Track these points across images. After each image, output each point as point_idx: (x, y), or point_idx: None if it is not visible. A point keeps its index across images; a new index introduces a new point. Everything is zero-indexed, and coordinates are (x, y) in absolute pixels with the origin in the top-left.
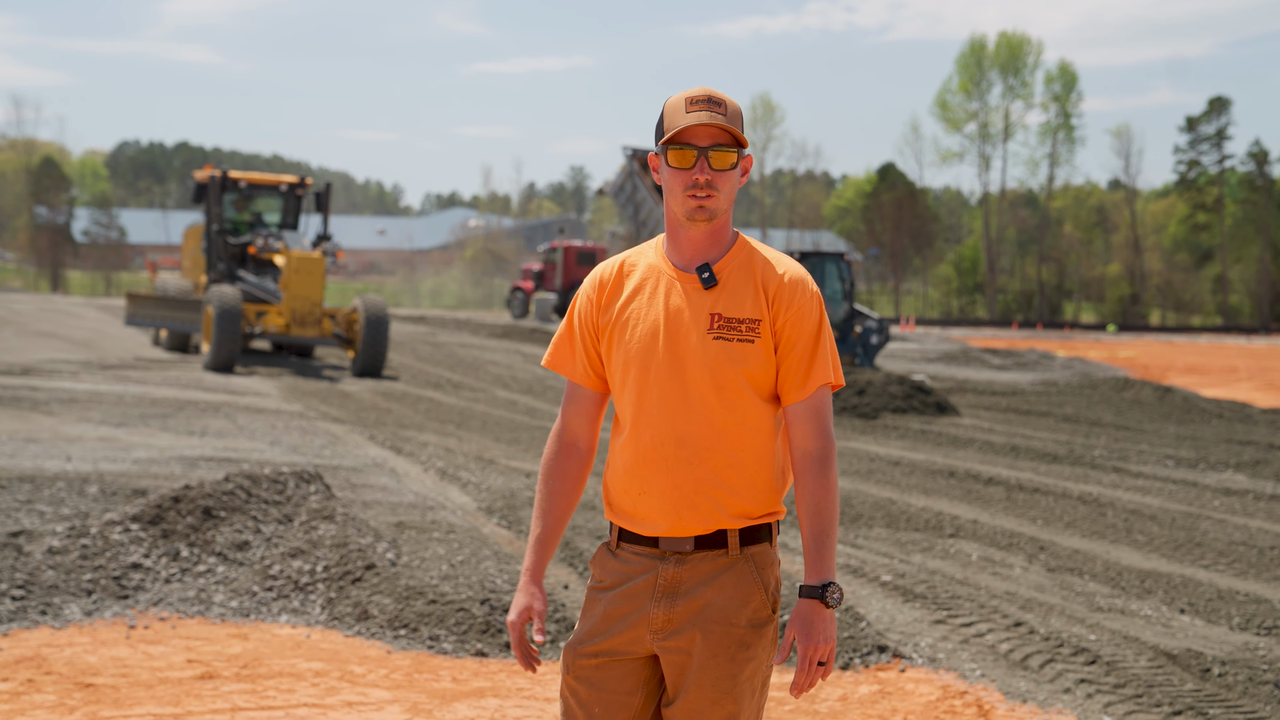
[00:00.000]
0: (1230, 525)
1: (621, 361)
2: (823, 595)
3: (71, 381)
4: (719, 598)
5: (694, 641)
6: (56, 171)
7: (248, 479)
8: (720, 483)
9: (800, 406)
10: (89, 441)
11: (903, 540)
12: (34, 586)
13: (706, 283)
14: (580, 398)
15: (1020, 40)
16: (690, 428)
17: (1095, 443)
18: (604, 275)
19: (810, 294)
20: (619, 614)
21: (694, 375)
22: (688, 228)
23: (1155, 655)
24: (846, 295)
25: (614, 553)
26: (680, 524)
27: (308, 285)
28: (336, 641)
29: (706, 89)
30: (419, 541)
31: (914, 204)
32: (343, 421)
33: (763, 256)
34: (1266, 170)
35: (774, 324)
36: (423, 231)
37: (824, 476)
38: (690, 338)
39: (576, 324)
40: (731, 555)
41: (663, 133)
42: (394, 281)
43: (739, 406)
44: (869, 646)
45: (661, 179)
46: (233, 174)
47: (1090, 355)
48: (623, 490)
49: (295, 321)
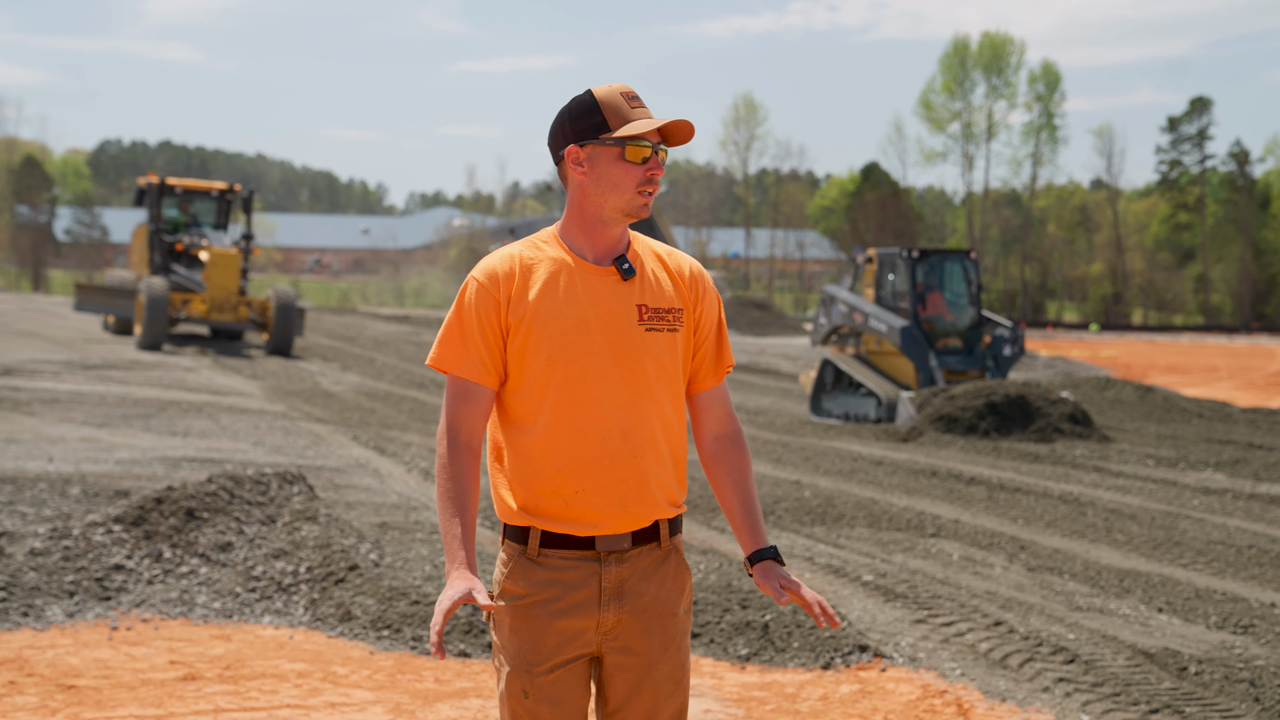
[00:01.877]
0: (1209, 524)
1: (545, 357)
2: (775, 553)
3: (53, 382)
4: (661, 591)
5: (644, 640)
6: (38, 170)
7: (231, 480)
8: (658, 473)
9: (716, 391)
10: (71, 442)
11: (884, 540)
12: (16, 588)
13: (627, 274)
14: (477, 396)
15: (1003, 40)
16: (631, 420)
17: (1076, 442)
18: (501, 270)
19: (711, 280)
20: (570, 628)
21: (632, 367)
22: (614, 224)
23: (1133, 654)
24: (974, 299)
25: (537, 562)
26: (624, 519)
27: (225, 277)
28: (319, 642)
29: (629, 86)
30: (402, 542)
31: (898, 203)
32: (326, 422)
33: (656, 246)
34: (1247, 170)
35: (694, 313)
36: (407, 231)
37: (745, 453)
38: (623, 330)
39: (475, 321)
40: (664, 547)
41: (606, 126)
42: (378, 281)
43: (673, 395)
44: (850, 646)
45: (590, 173)
46: (169, 180)
47: (1073, 354)
48: (551, 491)
49: (215, 308)
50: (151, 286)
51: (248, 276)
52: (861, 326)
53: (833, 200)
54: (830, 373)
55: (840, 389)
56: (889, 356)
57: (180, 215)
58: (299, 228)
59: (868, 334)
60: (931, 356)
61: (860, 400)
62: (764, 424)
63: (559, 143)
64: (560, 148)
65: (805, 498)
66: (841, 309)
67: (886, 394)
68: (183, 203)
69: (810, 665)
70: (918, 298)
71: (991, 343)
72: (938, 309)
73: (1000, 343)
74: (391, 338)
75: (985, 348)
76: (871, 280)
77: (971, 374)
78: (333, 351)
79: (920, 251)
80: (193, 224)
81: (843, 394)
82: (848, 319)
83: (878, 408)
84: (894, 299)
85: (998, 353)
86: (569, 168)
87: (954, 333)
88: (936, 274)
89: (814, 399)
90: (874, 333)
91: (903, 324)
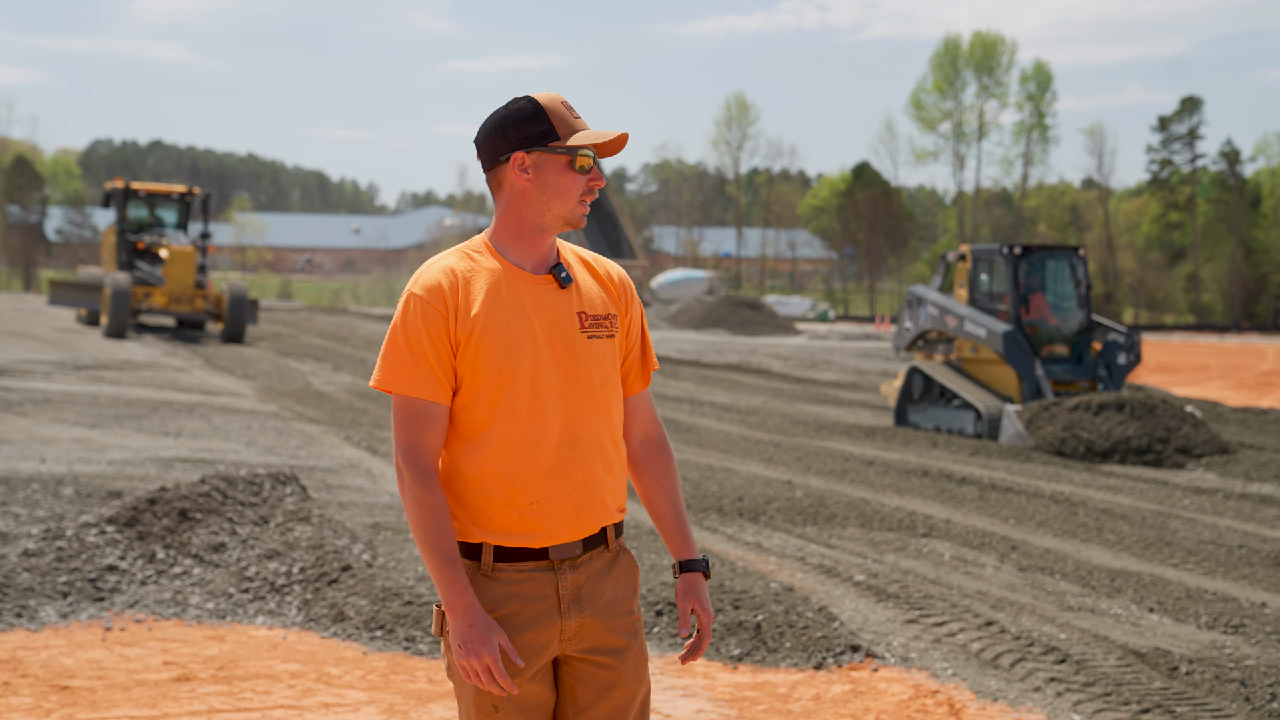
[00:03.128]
0: (1200, 524)
1: (496, 370)
2: (705, 567)
3: (45, 382)
4: (616, 590)
5: (609, 639)
6: (29, 170)
7: (224, 481)
8: (607, 479)
9: (643, 395)
10: (63, 443)
11: (876, 540)
12: (9, 589)
13: (564, 282)
14: (436, 415)
15: (995, 40)
16: (580, 428)
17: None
18: (445, 284)
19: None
20: (536, 640)
21: (579, 375)
22: (549, 232)
23: (1124, 654)
24: (1083, 301)
25: (491, 578)
26: (576, 527)
27: (182, 272)
28: (313, 643)
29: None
30: (395, 543)
31: (889, 203)
32: (318, 422)
33: (582, 253)
34: (1238, 170)
35: (625, 318)
36: (398, 230)
37: (671, 457)
38: (567, 339)
39: (424, 337)
40: (612, 548)
41: (553, 133)
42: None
43: (615, 401)
44: (842, 646)
45: (535, 180)
46: (134, 185)
47: None
48: (504, 503)
49: (173, 300)
50: (115, 281)
51: (205, 271)
52: (955, 331)
53: (824, 200)
54: (919, 381)
55: (930, 400)
56: (986, 365)
57: (146, 216)
58: (290, 227)
59: (961, 339)
60: (1037, 365)
61: (954, 413)
62: (755, 424)
63: (498, 148)
64: (500, 153)
65: (797, 498)
66: (931, 312)
67: (988, 407)
68: (148, 205)
69: (802, 665)
70: (1020, 299)
71: (1103, 349)
72: (1041, 312)
73: (1114, 350)
74: (383, 337)
75: (1096, 355)
76: (964, 280)
77: (1081, 385)
78: (324, 352)
79: (1023, 248)
80: (156, 224)
81: (932, 405)
82: (938, 323)
83: (976, 421)
84: (991, 301)
85: (1111, 361)
86: (511, 174)
87: (1060, 338)
88: (1039, 273)
89: (899, 409)
90: (969, 338)
91: (1004, 328)
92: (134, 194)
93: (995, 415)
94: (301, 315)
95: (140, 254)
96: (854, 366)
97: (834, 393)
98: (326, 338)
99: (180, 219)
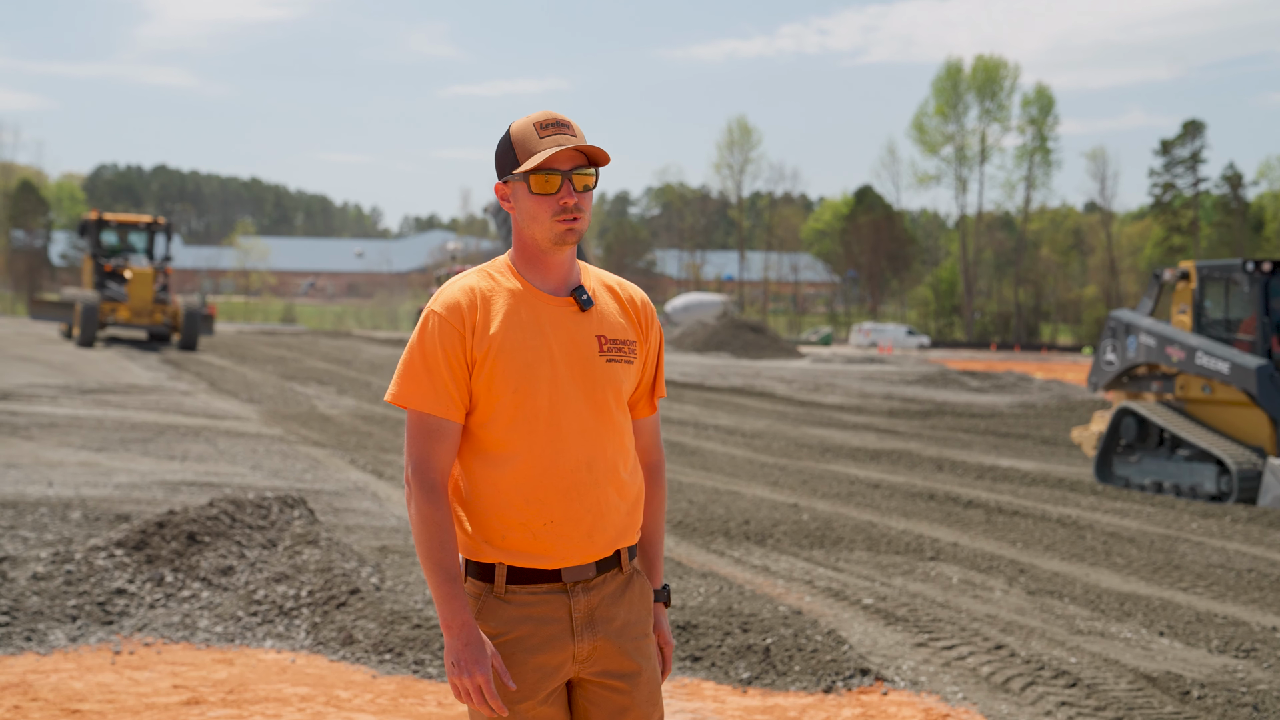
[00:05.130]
0: (1208, 548)
1: (512, 389)
2: (666, 596)
3: (51, 406)
4: (630, 614)
5: (622, 663)
6: (34, 195)
7: (232, 504)
8: (619, 502)
9: (651, 420)
10: (70, 466)
11: (883, 563)
12: (18, 613)
13: (585, 305)
14: (448, 433)
15: (996, 63)
16: (595, 450)
17: (1074, 466)
18: (463, 302)
19: (655, 311)
20: (549, 662)
21: (596, 397)
22: (554, 252)
23: (1135, 678)
24: None
25: (504, 600)
26: (589, 549)
27: (142, 290)
28: (322, 666)
29: (550, 113)
30: (402, 566)
31: (891, 226)
32: (323, 445)
33: (606, 278)
34: (1241, 193)
35: (645, 344)
36: (401, 254)
37: (662, 487)
38: (585, 361)
39: (442, 355)
40: (626, 571)
41: (517, 161)
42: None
43: (628, 426)
44: (851, 669)
45: (515, 207)
46: (106, 216)
47: (1068, 377)
48: (519, 524)
49: (136, 314)
50: (85, 298)
51: (167, 290)
52: (1182, 365)
53: (826, 223)
54: (1131, 427)
55: (1146, 449)
56: (1225, 407)
57: (117, 243)
58: (293, 251)
59: (1189, 376)
60: None
61: (1184, 466)
62: (760, 447)
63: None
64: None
65: (803, 520)
66: (1145, 341)
67: (1239, 460)
68: (118, 233)
69: (812, 689)
70: (1272, 327)
71: None
72: None
73: None
74: (387, 361)
75: None
76: (1186, 303)
77: None
78: (329, 375)
79: (1272, 264)
80: (126, 249)
81: (1150, 456)
82: (1155, 355)
83: (1220, 478)
84: (1226, 329)
85: None
86: (503, 204)
87: None
88: None
89: (1102, 460)
90: (1202, 374)
91: (1257, 363)
92: (106, 224)
93: (1250, 471)
94: (305, 339)
95: (109, 275)
96: (858, 390)
97: (839, 416)
98: (330, 361)
99: (147, 244)
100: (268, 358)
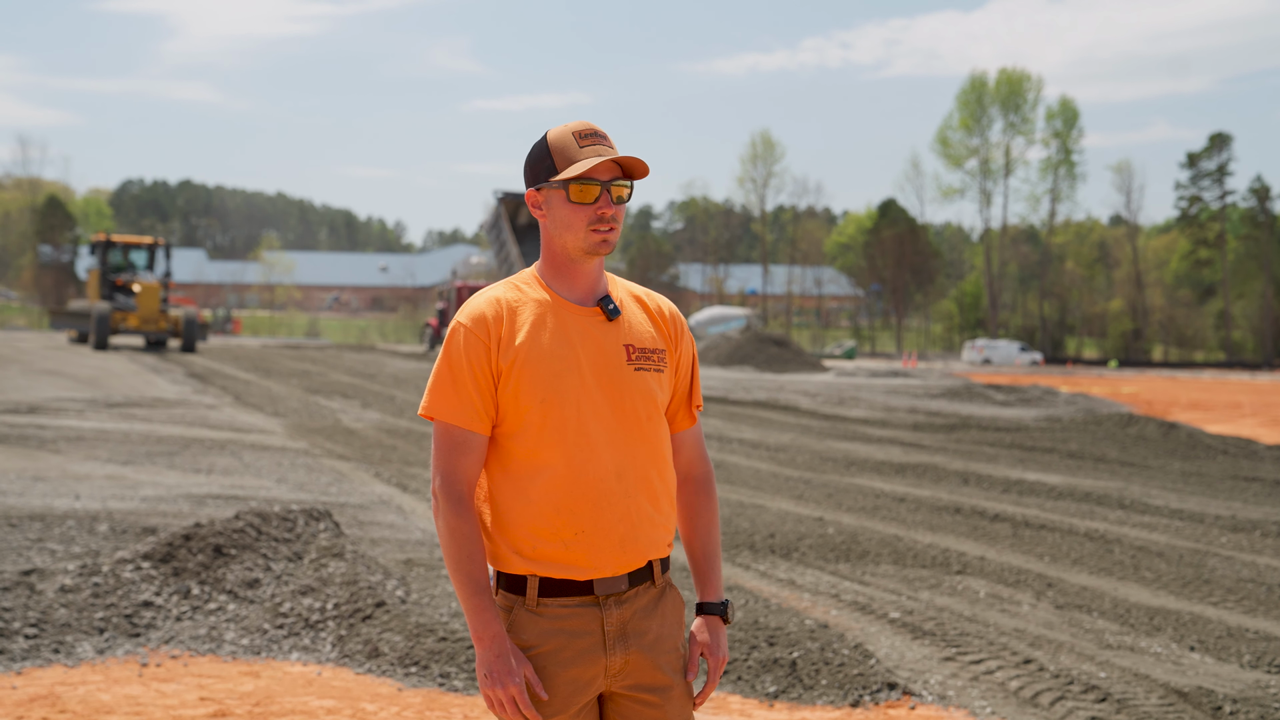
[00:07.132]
0: (1238, 562)
1: (539, 399)
2: (724, 612)
3: (78, 419)
4: (663, 628)
5: (655, 676)
6: (61, 210)
7: (258, 517)
8: (651, 513)
9: (691, 432)
10: (97, 479)
11: (910, 577)
12: (46, 625)
13: (612, 314)
14: (474, 445)
15: (1020, 76)
16: (624, 460)
17: (1101, 479)
18: (489, 314)
19: (685, 321)
20: (581, 676)
21: (624, 407)
22: (584, 262)
23: (1166, 693)
24: None
25: (536, 613)
26: (621, 560)
27: (150, 301)
28: (348, 679)
29: (587, 123)
30: (428, 579)
31: (915, 240)
32: (348, 459)
33: (634, 288)
34: (1268, 206)
35: (675, 354)
36: (425, 268)
37: (713, 498)
38: (613, 370)
39: (468, 368)
40: (659, 584)
41: (554, 169)
42: (396, 318)
43: (661, 435)
44: (879, 684)
45: (549, 215)
46: (114, 238)
47: (1093, 391)
48: (550, 534)
49: (143, 322)
50: (98, 308)
51: (168, 301)
52: None
53: (850, 237)
54: None
55: None
56: None
57: (122, 260)
58: (318, 266)
59: None
60: None
61: None
62: (785, 461)
63: (527, 186)
64: (526, 191)
65: (829, 534)
66: None
67: None
68: (123, 252)
69: (839, 703)
70: None
71: None
72: None
73: None
74: (411, 375)
75: None
76: None
77: None
78: (353, 389)
79: None
80: (130, 266)
81: None
82: None
83: None
84: None
85: None
86: (535, 210)
87: None
88: None
89: None
90: None
91: None
92: (114, 244)
93: None
94: (329, 353)
95: (118, 289)
96: (882, 404)
97: (863, 429)
98: (355, 375)
99: (149, 261)
100: (292, 371)
